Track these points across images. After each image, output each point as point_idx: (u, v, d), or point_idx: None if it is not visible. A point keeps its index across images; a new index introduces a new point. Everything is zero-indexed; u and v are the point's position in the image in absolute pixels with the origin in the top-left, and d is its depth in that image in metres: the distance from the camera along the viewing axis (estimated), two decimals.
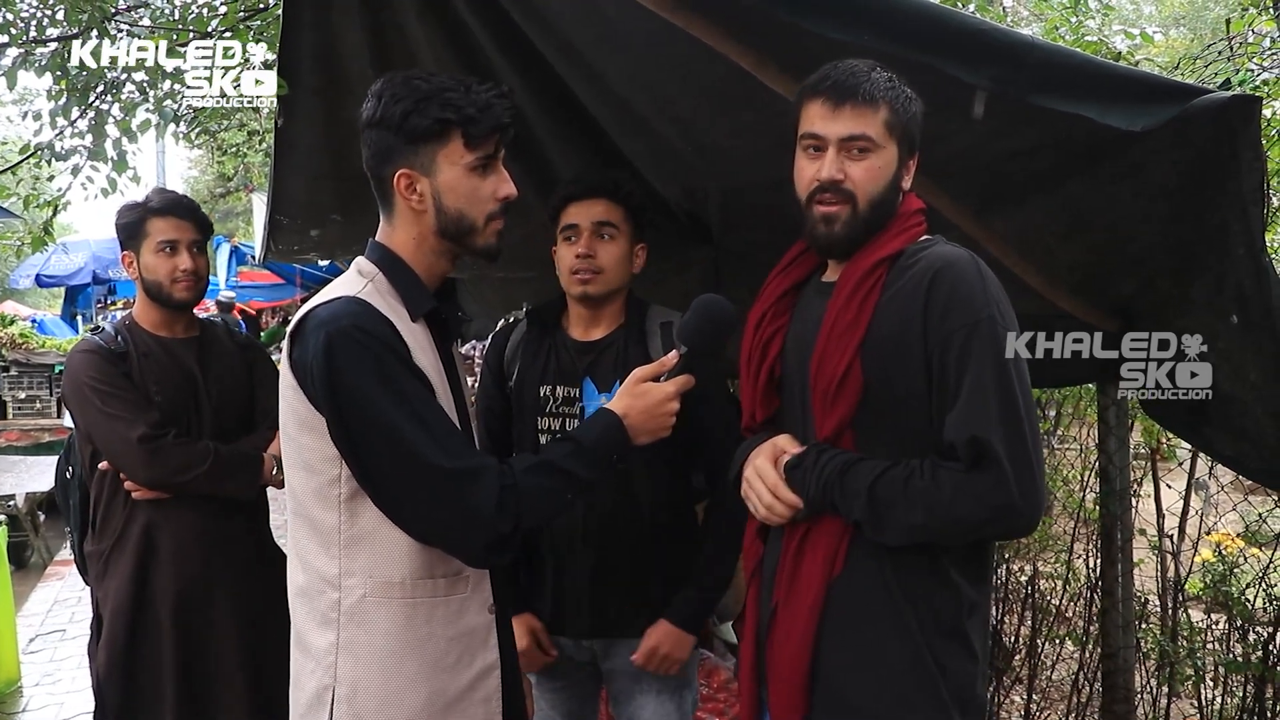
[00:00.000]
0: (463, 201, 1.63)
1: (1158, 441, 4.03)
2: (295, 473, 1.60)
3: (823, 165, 1.61)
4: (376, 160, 1.64)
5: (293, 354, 1.54)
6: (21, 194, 5.17)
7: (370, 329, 1.50)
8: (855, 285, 1.60)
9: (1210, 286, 1.90)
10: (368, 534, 1.54)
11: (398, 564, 1.55)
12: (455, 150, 1.60)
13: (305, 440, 1.55)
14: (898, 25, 1.58)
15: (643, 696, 2.26)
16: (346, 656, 1.55)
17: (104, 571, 2.57)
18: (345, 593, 1.55)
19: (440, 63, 2.61)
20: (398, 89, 1.60)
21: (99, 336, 2.60)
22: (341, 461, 1.52)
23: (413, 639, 1.56)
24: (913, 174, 1.69)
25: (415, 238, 1.66)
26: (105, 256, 15.69)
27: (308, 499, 1.58)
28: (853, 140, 1.60)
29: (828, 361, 1.60)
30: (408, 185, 1.62)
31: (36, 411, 9.19)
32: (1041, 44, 1.64)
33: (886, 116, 1.60)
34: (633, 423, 1.64)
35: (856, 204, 1.61)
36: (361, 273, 1.64)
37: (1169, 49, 7.11)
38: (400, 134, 1.59)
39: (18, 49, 3.93)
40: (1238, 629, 3.43)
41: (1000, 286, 1.57)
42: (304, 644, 1.63)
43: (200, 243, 2.64)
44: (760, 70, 1.85)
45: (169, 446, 2.45)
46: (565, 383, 2.24)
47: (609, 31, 2.24)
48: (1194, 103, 1.54)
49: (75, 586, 6.56)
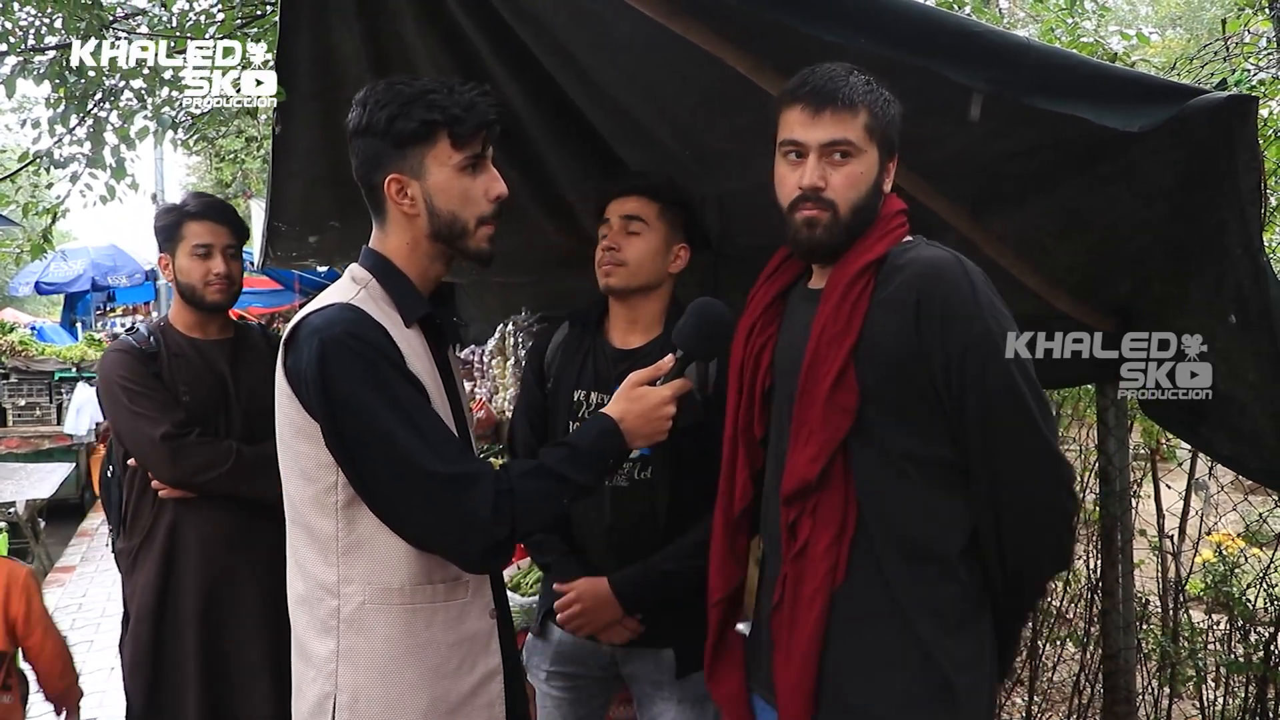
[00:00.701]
0: (455, 203, 1.63)
1: (1157, 442, 4.03)
2: (292, 480, 1.60)
3: (804, 172, 1.61)
4: (366, 168, 1.64)
5: (287, 362, 1.54)
6: (20, 201, 5.17)
7: (363, 335, 1.50)
8: (843, 292, 1.60)
9: (1208, 287, 1.90)
10: (365, 540, 1.54)
11: (396, 570, 1.54)
12: (443, 151, 1.61)
13: (301, 448, 1.55)
14: (893, 28, 1.59)
15: (664, 704, 2.25)
16: (347, 664, 1.55)
17: (132, 568, 2.61)
18: (344, 600, 1.55)
19: (437, 68, 2.61)
20: (381, 95, 1.61)
21: (132, 337, 2.65)
22: (337, 469, 1.52)
23: (413, 645, 1.56)
24: (893, 176, 1.69)
25: (409, 242, 1.66)
26: (104, 264, 15.68)
27: (305, 507, 1.58)
28: (833, 146, 1.60)
29: (819, 369, 1.59)
30: (398, 190, 1.62)
31: (36, 419, 9.17)
32: (1038, 45, 1.65)
33: (866, 120, 1.60)
34: (629, 427, 1.64)
35: (838, 211, 1.61)
36: (355, 279, 1.64)
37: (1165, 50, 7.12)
38: (387, 139, 1.59)
39: (16, 57, 3.93)
40: (1239, 629, 3.43)
41: (989, 284, 1.57)
42: (305, 652, 1.62)
43: (235, 247, 2.68)
44: (757, 74, 1.85)
45: (191, 446, 2.48)
46: (599, 389, 2.24)
47: (605, 36, 2.24)
48: (1191, 103, 1.54)
49: (76, 593, 6.57)
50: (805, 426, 1.62)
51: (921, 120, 1.95)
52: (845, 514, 1.59)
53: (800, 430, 1.64)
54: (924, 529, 1.57)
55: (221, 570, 2.56)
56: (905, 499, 1.58)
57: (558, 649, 2.31)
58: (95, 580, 6.94)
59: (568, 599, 2.16)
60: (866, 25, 1.59)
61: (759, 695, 1.79)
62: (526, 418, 2.37)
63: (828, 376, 1.57)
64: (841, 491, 1.59)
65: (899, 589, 1.56)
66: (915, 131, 2.01)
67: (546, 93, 2.68)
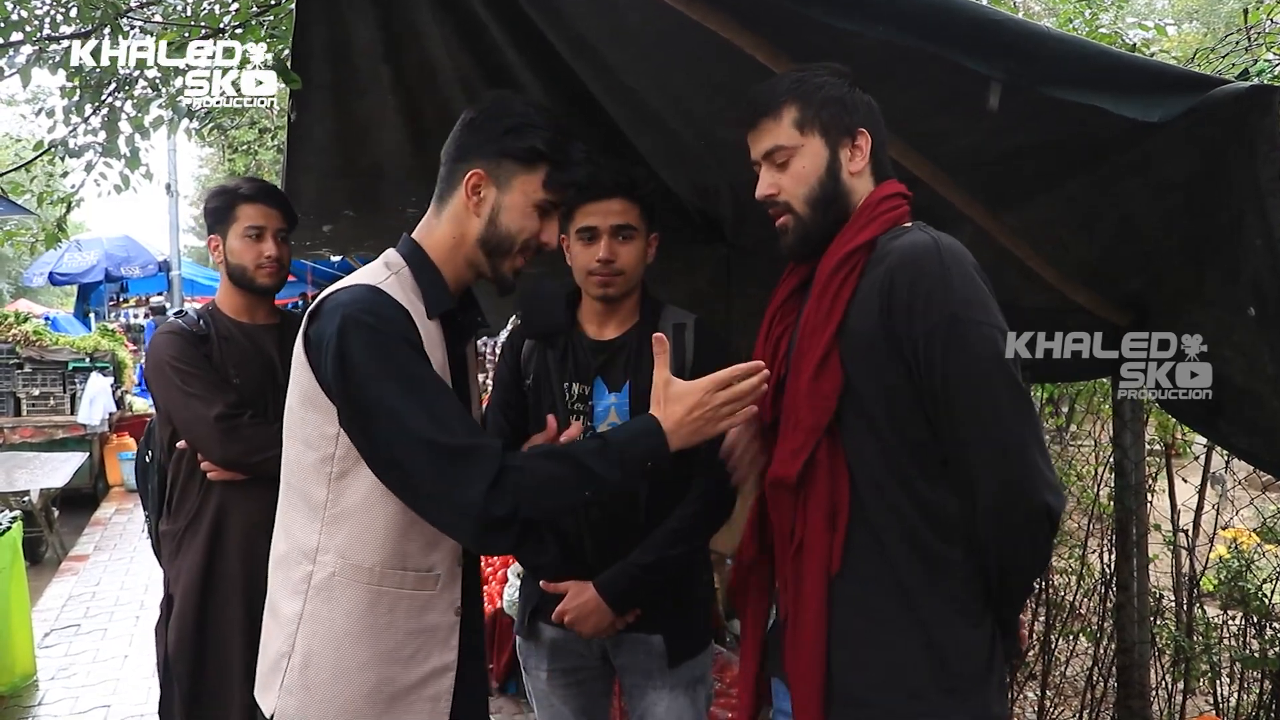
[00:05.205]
0: (515, 225, 1.68)
1: (1172, 437, 4.01)
2: (293, 445, 1.64)
3: (759, 185, 1.68)
4: (459, 151, 1.69)
5: (309, 330, 1.57)
6: (35, 191, 5.19)
7: (385, 314, 1.53)
8: (826, 281, 1.60)
9: (1225, 279, 1.88)
10: (349, 514, 1.57)
11: (371, 550, 1.58)
12: (534, 182, 1.67)
13: (308, 415, 1.59)
14: (912, 17, 1.58)
15: (656, 693, 2.26)
16: (307, 627, 1.59)
17: (177, 550, 2.62)
18: (319, 567, 1.59)
19: (453, 57, 2.61)
20: (509, 104, 1.69)
21: (182, 320, 2.67)
22: (337, 440, 1.55)
23: (372, 625, 1.59)
24: (866, 151, 1.65)
25: (456, 238, 1.69)
26: (117, 254, 15.75)
27: (302, 472, 1.62)
28: (771, 155, 1.66)
29: (801, 360, 1.60)
30: (475, 185, 1.66)
31: (50, 408, 9.21)
32: (1057, 35, 1.63)
33: (795, 115, 1.63)
34: (672, 427, 1.57)
35: (794, 210, 1.65)
36: (388, 265, 1.67)
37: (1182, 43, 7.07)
38: (495, 141, 1.65)
39: (31, 46, 3.94)
40: (1254, 625, 3.41)
41: (975, 273, 1.51)
42: (275, 610, 1.67)
43: (285, 232, 2.71)
44: (774, 63, 1.85)
45: (245, 426, 2.50)
46: (580, 380, 2.25)
47: (621, 25, 2.24)
48: (1211, 93, 1.53)
49: (89, 581, 6.61)
50: (792, 417, 1.63)
51: (938, 111, 1.95)
52: (835, 502, 1.57)
53: (788, 420, 1.64)
54: (922, 515, 1.55)
55: (265, 553, 2.57)
56: (902, 486, 1.55)
57: (551, 647, 2.32)
58: (109, 569, 6.99)
59: (561, 610, 2.17)
60: (885, 14, 1.58)
61: (778, 679, 1.79)
62: (501, 411, 2.37)
63: (809, 366, 1.57)
64: (829, 481, 1.58)
65: (901, 575, 1.55)
66: (932, 123, 2.01)
67: (563, 82, 2.68)
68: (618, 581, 2.15)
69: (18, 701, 4.57)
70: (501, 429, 2.35)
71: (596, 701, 2.39)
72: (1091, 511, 4.20)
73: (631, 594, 2.15)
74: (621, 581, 2.15)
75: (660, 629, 2.22)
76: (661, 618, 2.21)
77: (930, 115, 1.98)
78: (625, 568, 2.15)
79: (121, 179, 4.30)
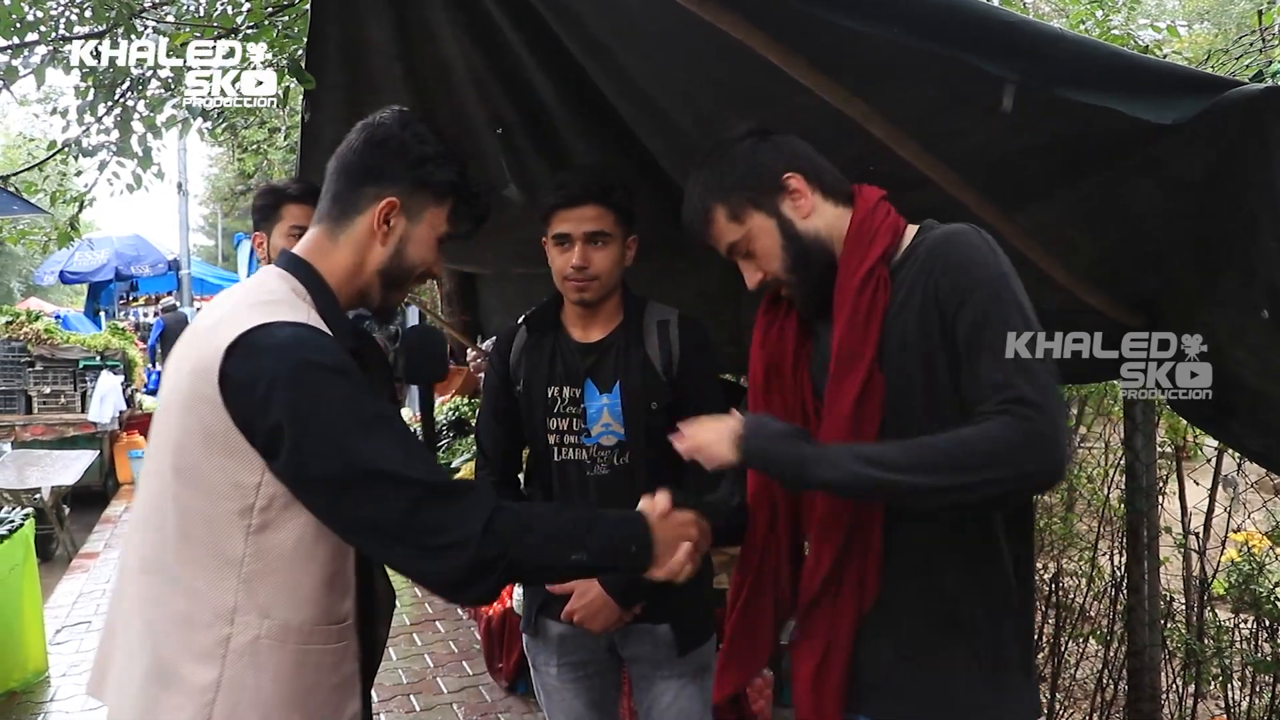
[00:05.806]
0: (416, 259, 1.62)
1: (1183, 439, 4.00)
2: (190, 493, 1.43)
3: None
4: (365, 173, 1.58)
5: (228, 369, 1.37)
6: (49, 190, 5.22)
7: (337, 361, 1.40)
8: (853, 304, 1.56)
9: (1238, 281, 1.88)
10: (272, 570, 1.43)
11: (300, 606, 1.45)
12: (440, 215, 1.62)
13: (214, 461, 1.39)
14: (925, 18, 1.57)
15: (664, 683, 2.28)
16: (228, 697, 1.41)
17: None
18: (238, 629, 1.42)
19: (466, 58, 2.62)
20: (427, 133, 1.61)
21: None
22: (257, 490, 1.40)
23: (301, 688, 1.47)
24: (804, 189, 1.65)
25: (355, 265, 1.59)
26: (128, 253, 15.84)
27: (206, 524, 1.42)
28: (732, 252, 1.70)
29: (841, 386, 1.56)
30: (387, 213, 1.57)
31: (61, 406, 9.25)
32: (1070, 36, 1.63)
33: (724, 212, 1.67)
34: (654, 538, 1.59)
35: (784, 280, 1.66)
36: (296, 293, 1.53)
37: (1193, 44, 7.05)
38: (412, 169, 1.57)
39: (46, 46, 3.96)
40: (1266, 628, 3.40)
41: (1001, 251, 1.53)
42: (170, 677, 1.43)
43: None
44: (788, 64, 1.84)
45: None
46: (570, 383, 2.27)
47: (632, 25, 2.24)
48: (1226, 95, 1.53)
49: (100, 579, 6.64)
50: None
51: (950, 111, 1.95)
52: (868, 526, 1.57)
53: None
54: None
55: None
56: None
57: (559, 642, 2.33)
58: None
59: (570, 610, 2.16)
60: (898, 15, 1.58)
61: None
62: (495, 418, 2.39)
63: (850, 392, 1.54)
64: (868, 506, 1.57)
65: (941, 573, 1.55)
66: (944, 123, 2.01)
67: (574, 83, 2.68)
68: (619, 578, 2.15)
69: (30, 697, 4.59)
70: (497, 436, 2.38)
71: (606, 694, 2.41)
72: (1102, 514, 4.19)
73: (634, 588, 2.15)
74: (620, 582, 2.15)
75: (666, 618, 2.25)
76: (667, 607, 2.22)
77: (942, 114, 1.98)
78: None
79: (134, 178, 4.33)
